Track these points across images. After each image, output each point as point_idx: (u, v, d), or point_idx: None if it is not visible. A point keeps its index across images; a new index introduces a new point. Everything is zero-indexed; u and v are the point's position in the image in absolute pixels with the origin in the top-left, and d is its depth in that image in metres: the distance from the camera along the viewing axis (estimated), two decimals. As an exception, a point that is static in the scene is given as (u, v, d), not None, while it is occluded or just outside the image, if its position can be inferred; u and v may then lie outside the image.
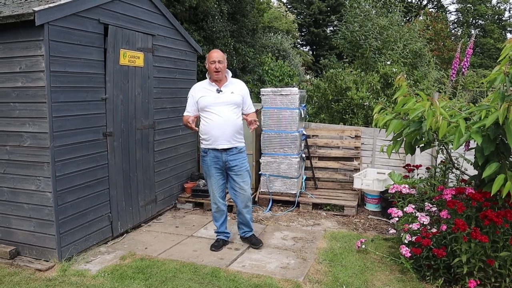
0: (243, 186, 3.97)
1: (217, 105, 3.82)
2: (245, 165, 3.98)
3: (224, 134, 3.81)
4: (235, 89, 3.93)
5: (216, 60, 3.81)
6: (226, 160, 3.87)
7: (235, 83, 4.00)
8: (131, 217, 4.56)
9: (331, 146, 6.04)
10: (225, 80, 3.93)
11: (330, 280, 3.42)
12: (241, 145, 3.96)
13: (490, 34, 24.29)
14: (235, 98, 3.88)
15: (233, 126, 3.85)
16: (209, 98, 3.84)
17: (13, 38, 3.45)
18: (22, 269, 3.54)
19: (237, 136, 3.90)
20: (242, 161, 3.95)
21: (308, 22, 24.87)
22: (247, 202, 4.04)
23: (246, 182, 3.99)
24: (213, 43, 9.41)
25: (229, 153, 3.87)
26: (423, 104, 2.96)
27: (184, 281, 3.37)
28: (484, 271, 3.07)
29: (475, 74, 15.42)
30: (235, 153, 3.89)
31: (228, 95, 3.86)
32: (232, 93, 3.89)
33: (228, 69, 3.99)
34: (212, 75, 3.86)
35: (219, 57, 3.83)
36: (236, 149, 3.90)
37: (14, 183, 3.65)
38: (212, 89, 3.88)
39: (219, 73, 3.83)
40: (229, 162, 3.88)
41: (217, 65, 3.80)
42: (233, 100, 3.87)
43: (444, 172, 4.50)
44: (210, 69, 3.83)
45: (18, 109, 3.54)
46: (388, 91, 7.06)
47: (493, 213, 2.96)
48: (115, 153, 4.23)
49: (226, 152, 3.86)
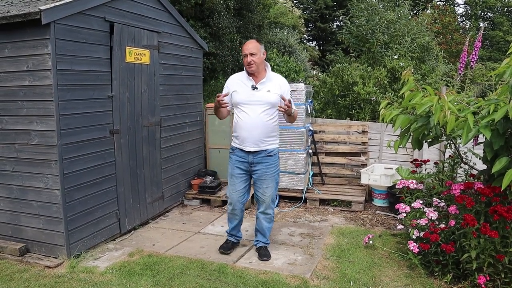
0: (265, 192, 3.67)
1: (249, 104, 3.49)
2: (271, 170, 3.64)
3: (252, 137, 3.52)
4: (273, 87, 3.52)
5: (247, 53, 3.43)
6: (252, 162, 3.61)
7: (274, 80, 3.59)
8: (139, 214, 4.58)
9: (338, 142, 6.01)
10: (263, 75, 3.55)
11: (337, 276, 3.41)
12: (272, 147, 3.62)
13: (499, 27, 23.94)
14: (271, 97, 3.50)
15: (263, 128, 3.52)
16: (242, 94, 3.51)
17: (20, 37, 3.47)
18: (31, 266, 3.58)
19: (267, 139, 3.57)
20: (269, 166, 3.62)
21: (314, 17, 24.73)
22: (266, 209, 3.75)
23: (270, 188, 3.67)
24: (219, 39, 9.40)
25: (256, 156, 3.58)
26: (431, 99, 2.92)
27: (192, 277, 3.39)
28: (493, 266, 3.04)
29: (483, 68, 15.23)
30: (263, 155, 3.59)
31: (263, 94, 3.49)
32: (269, 91, 3.50)
33: (266, 62, 3.61)
34: (246, 68, 3.52)
35: (251, 48, 3.44)
36: (265, 152, 3.59)
37: (23, 180, 3.69)
38: (247, 84, 3.53)
39: (252, 67, 3.46)
40: (254, 165, 3.61)
41: (249, 58, 3.43)
42: (268, 100, 3.49)
43: (452, 167, 4.46)
44: (244, 62, 3.49)
45: (25, 108, 3.57)
46: (395, 86, 6.99)
47: (503, 208, 2.93)
48: (122, 150, 4.25)
49: (253, 154, 3.58)
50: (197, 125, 5.78)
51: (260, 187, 3.69)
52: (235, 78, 3.65)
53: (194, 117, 5.69)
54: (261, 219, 3.83)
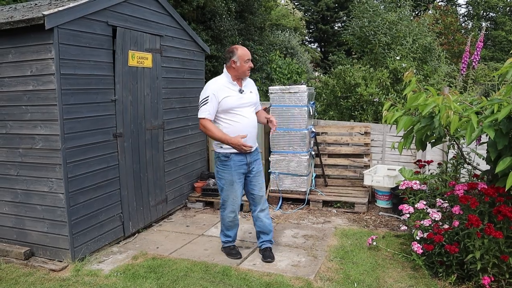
0: (262, 187, 3.78)
1: (241, 107, 3.57)
2: (261, 165, 3.84)
3: (252, 136, 3.61)
4: (252, 88, 3.74)
5: (251, 58, 3.62)
6: (250, 162, 3.66)
7: (249, 81, 3.76)
8: (142, 217, 4.60)
9: (340, 143, 6.01)
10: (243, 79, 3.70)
11: (341, 278, 3.40)
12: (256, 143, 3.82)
13: (501, 27, 23.89)
14: (254, 98, 3.72)
15: (256, 126, 3.69)
16: (233, 99, 3.53)
17: (24, 42, 3.49)
18: (36, 270, 3.59)
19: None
20: (259, 161, 3.81)
21: (315, 19, 24.78)
22: (263, 206, 3.82)
23: (263, 183, 3.82)
24: (221, 42, 9.43)
25: (252, 155, 3.67)
26: (436, 99, 2.92)
27: (196, 280, 3.39)
28: (498, 267, 3.03)
29: (486, 68, 15.20)
30: (256, 153, 3.74)
31: (249, 95, 3.65)
32: (251, 92, 3.69)
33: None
34: (244, 73, 3.59)
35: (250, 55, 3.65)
36: (257, 150, 3.77)
37: (27, 184, 3.71)
38: (234, 89, 3.58)
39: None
40: (251, 164, 3.68)
41: (251, 63, 3.61)
42: (254, 100, 3.70)
43: (455, 167, 4.46)
44: (244, 68, 3.55)
45: (30, 112, 3.59)
46: (397, 87, 6.99)
47: (507, 208, 2.92)
48: (125, 153, 4.26)
49: (250, 154, 3.65)
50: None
51: (256, 185, 3.75)
52: (220, 85, 3.56)
53: (196, 120, 5.66)
54: (263, 218, 3.81)
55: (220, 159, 3.62)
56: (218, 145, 3.61)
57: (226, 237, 3.93)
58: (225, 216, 3.79)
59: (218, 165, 3.66)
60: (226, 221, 3.82)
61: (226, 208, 3.75)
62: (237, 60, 3.52)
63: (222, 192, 3.71)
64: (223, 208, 3.78)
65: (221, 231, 3.97)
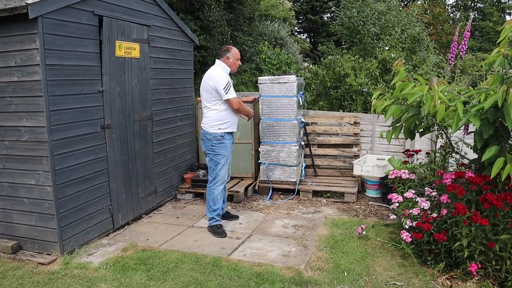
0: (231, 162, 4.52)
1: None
2: None
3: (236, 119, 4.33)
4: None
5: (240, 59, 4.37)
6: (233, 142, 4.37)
7: None
8: (132, 209, 4.57)
9: (330, 133, 6.03)
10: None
11: (331, 267, 3.43)
12: None
13: (489, 17, 24.08)
14: None
15: None
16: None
17: (7, 32, 3.41)
18: (24, 263, 3.56)
19: None
20: None
21: (305, 9, 24.67)
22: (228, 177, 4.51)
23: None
24: (210, 32, 9.35)
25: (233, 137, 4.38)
26: (421, 89, 2.93)
27: (186, 271, 3.39)
28: (485, 254, 3.08)
29: (474, 58, 15.32)
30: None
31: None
32: None
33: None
34: (235, 69, 4.33)
35: None
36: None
37: (14, 177, 3.65)
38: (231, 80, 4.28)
39: None
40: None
41: (240, 62, 4.36)
42: None
43: (444, 156, 4.50)
44: (235, 65, 4.27)
45: (14, 104, 3.52)
46: (386, 77, 7.01)
47: (493, 196, 2.96)
48: (113, 145, 4.22)
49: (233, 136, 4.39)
50: (188, 119, 5.76)
51: (231, 161, 4.42)
52: (227, 75, 4.23)
53: (185, 111, 5.66)
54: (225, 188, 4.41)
55: (217, 138, 4.15)
56: (215, 127, 4.15)
57: (212, 212, 4.25)
58: (215, 190, 4.24)
59: (215, 144, 4.16)
60: (215, 195, 4.23)
61: (217, 182, 4.23)
62: (231, 57, 4.20)
63: (217, 167, 4.21)
64: (214, 183, 4.24)
65: (208, 208, 4.30)
